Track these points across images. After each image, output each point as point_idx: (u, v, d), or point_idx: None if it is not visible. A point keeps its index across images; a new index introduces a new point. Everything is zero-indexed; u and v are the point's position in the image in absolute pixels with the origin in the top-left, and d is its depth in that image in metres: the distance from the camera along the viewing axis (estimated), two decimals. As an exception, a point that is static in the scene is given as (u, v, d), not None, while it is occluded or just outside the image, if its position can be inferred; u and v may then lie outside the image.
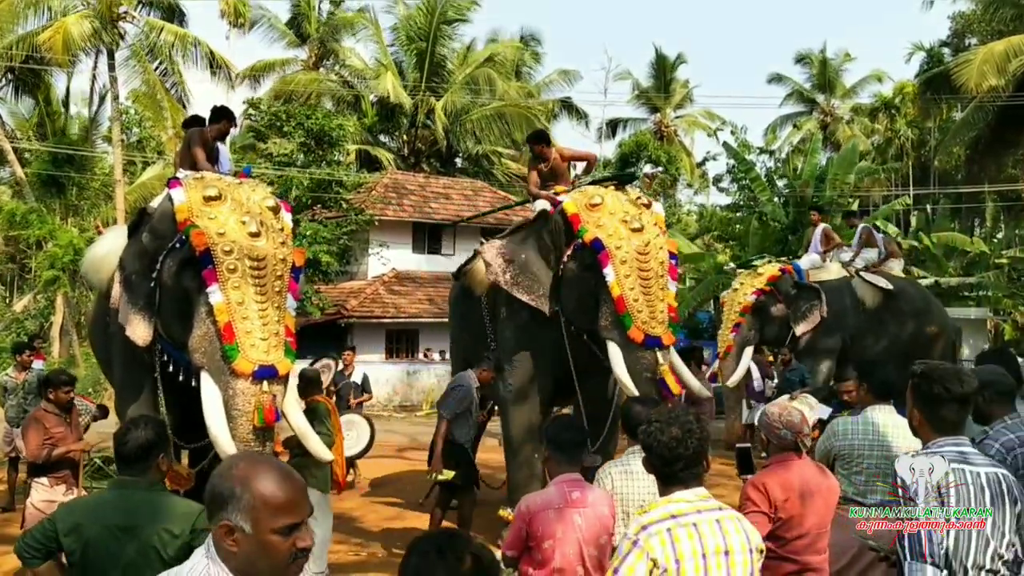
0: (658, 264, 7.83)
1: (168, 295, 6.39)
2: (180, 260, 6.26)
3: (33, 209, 23.33)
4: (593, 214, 8.03)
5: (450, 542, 2.12)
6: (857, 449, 5.18)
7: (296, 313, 6.72)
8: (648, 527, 2.98)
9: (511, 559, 4.25)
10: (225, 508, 2.13)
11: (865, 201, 31.08)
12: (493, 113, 32.39)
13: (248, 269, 6.11)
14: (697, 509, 3.05)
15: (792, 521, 4.26)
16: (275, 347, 6.11)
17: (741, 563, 3.02)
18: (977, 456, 3.24)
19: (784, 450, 4.42)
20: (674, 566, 2.90)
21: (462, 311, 10.12)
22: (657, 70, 41.42)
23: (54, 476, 7.12)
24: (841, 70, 42.53)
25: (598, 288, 7.80)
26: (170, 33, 24.10)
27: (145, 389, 7.00)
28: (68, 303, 23.38)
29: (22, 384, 10.74)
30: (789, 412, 4.47)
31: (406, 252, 27.04)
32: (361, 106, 32.37)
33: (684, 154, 39.86)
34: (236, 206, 6.37)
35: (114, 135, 24.09)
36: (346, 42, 35.01)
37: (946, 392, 3.26)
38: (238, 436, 5.92)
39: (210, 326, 6.08)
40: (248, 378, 5.96)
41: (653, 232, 7.98)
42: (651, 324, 7.62)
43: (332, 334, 23.87)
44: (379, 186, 27.32)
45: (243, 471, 2.17)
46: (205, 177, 6.75)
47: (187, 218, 6.25)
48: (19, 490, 10.15)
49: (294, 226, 6.99)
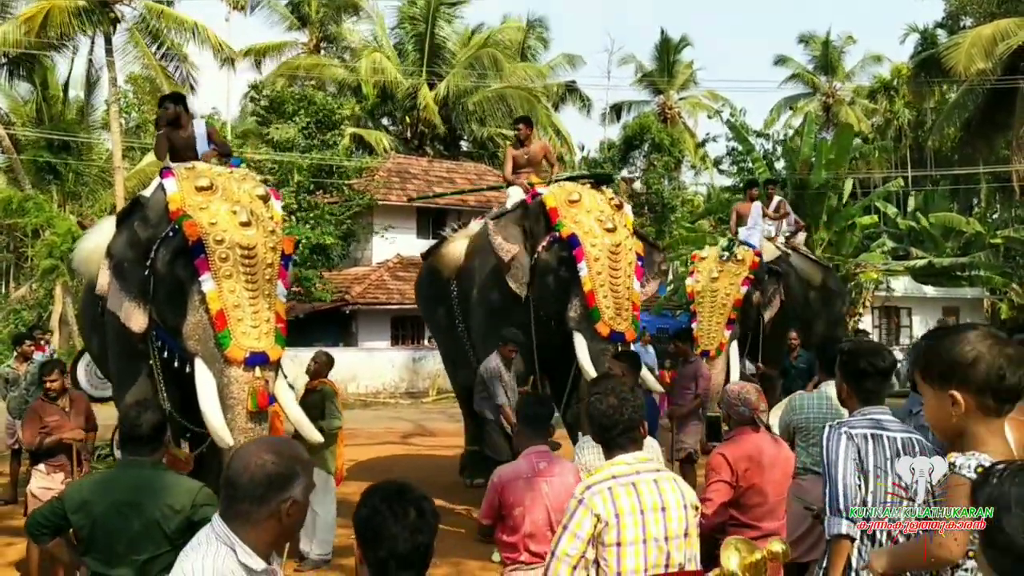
0: (627, 264, 8.43)
1: (162, 284, 6.49)
2: (173, 249, 6.36)
3: (29, 197, 23.23)
4: (571, 210, 8.57)
5: (398, 494, 2.41)
6: (813, 422, 5.71)
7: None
8: (592, 487, 3.27)
9: (487, 527, 4.62)
10: (291, 485, 2.49)
11: (865, 182, 31.17)
12: (496, 95, 32.35)
13: (239, 258, 6.25)
14: (636, 471, 3.33)
15: (752, 489, 4.71)
16: (266, 334, 6.30)
17: (676, 518, 3.31)
18: (893, 423, 3.54)
19: (742, 424, 4.90)
20: (614, 520, 3.20)
21: (430, 293, 10.74)
22: (661, 53, 41.32)
23: (51, 463, 7.30)
24: (843, 52, 42.63)
25: (570, 281, 8.38)
26: (169, 17, 24.02)
27: (142, 376, 7.06)
28: (67, 292, 23.21)
29: (24, 375, 10.76)
30: (747, 391, 4.99)
31: (410, 237, 26.83)
32: (362, 90, 32.19)
33: (688, 135, 39.88)
34: (227, 196, 6.49)
35: (112, 120, 24.05)
36: (346, 24, 35.10)
37: (870, 367, 3.63)
38: (236, 425, 6.10)
39: (203, 314, 6.24)
40: (240, 365, 6.13)
41: (624, 233, 8.57)
42: (617, 320, 8.22)
43: (337, 321, 23.89)
44: (382, 170, 27.32)
45: (296, 452, 2.62)
46: (196, 167, 6.86)
47: (179, 208, 6.37)
48: (22, 481, 10.08)
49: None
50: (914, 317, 28.82)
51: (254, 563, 2.47)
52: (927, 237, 30.11)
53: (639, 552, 3.24)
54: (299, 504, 2.51)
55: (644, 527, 3.25)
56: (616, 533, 3.22)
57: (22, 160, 26.32)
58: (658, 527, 3.27)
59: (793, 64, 42.54)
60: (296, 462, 2.56)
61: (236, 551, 2.46)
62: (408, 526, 2.35)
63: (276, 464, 2.53)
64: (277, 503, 2.48)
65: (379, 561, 2.36)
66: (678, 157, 34.49)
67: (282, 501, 2.48)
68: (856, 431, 3.47)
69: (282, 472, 2.52)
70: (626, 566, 3.23)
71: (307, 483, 2.55)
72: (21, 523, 8.32)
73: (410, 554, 2.36)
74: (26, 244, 25.67)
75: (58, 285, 23.27)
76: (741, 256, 11.54)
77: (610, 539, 3.22)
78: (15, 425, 10.47)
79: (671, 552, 3.30)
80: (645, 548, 3.25)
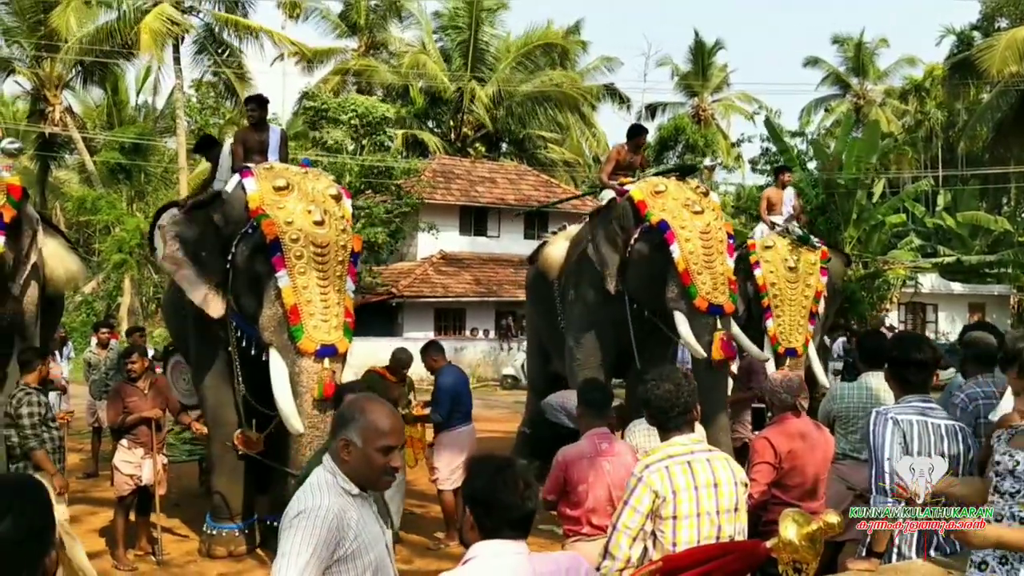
0: (718, 242, 8.54)
1: (241, 276, 7.01)
2: (252, 246, 6.83)
3: (101, 196, 24.17)
4: (658, 200, 8.72)
5: (508, 467, 2.65)
6: (852, 411, 5.80)
7: (355, 293, 7.38)
8: (650, 466, 3.48)
9: (551, 502, 4.83)
10: (347, 427, 2.79)
11: (895, 182, 31.25)
12: (538, 95, 32.92)
13: (312, 255, 6.67)
14: (691, 450, 3.54)
15: (794, 470, 4.87)
16: (336, 327, 6.70)
17: (728, 494, 3.53)
18: (937, 410, 3.79)
19: (785, 410, 5.05)
20: (671, 496, 3.42)
21: (538, 295, 10.75)
22: (696, 55, 41.63)
23: (132, 439, 7.66)
24: (875, 54, 42.41)
25: (665, 265, 8.47)
26: (234, 24, 24.91)
27: (219, 360, 7.66)
28: (134, 285, 24.20)
29: (104, 360, 11.43)
30: (790, 378, 5.18)
31: (453, 234, 27.93)
32: (409, 93, 33.10)
33: (721, 136, 40.12)
34: (302, 196, 6.87)
35: (179, 123, 24.96)
36: (393, 30, 35.78)
37: (916, 357, 3.84)
38: (303, 411, 6.53)
39: (278, 308, 6.68)
40: (311, 356, 6.56)
41: (712, 215, 8.72)
42: (714, 294, 8.33)
43: (384, 313, 24.78)
44: (427, 171, 28.03)
45: (362, 404, 2.88)
46: (274, 167, 7.26)
47: (259, 207, 6.77)
48: (103, 457, 10.84)
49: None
50: (940, 313, 29.02)
51: (349, 487, 2.79)
52: (955, 235, 30.10)
53: (693, 525, 3.44)
54: (353, 446, 2.77)
55: (698, 502, 3.44)
56: (672, 507, 3.42)
57: (95, 161, 27.19)
58: (711, 502, 3.47)
59: (825, 66, 42.53)
60: (360, 412, 2.82)
61: (336, 476, 2.81)
62: (520, 495, 2.56)
63: (344, 408, 2.92)
64: (337, 439, 2.82)
65: (493, 527, 2.56)
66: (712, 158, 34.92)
67: (340, 438, 2.80)
68: (902, 417, 3.68)
69: (343, 414, 2.86)
70: (681, 537, 3.43)
71: (364, 433, 2.77)
72: (104, 494, 9.20)
73: (522, 519, 2.58)
74: (97, 240, 26.56)
75: (127, 278, 24.09)
76: (816, 243, 10.80)
77: (667, 513, 3.42)
78: (96, 405, 11.14)
79: (722, 525, 3.51)
80: (699, 521, 3.45)
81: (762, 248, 10.62)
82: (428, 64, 32.53)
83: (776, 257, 10.47)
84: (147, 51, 23.42)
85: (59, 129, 26.40)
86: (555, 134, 35.53)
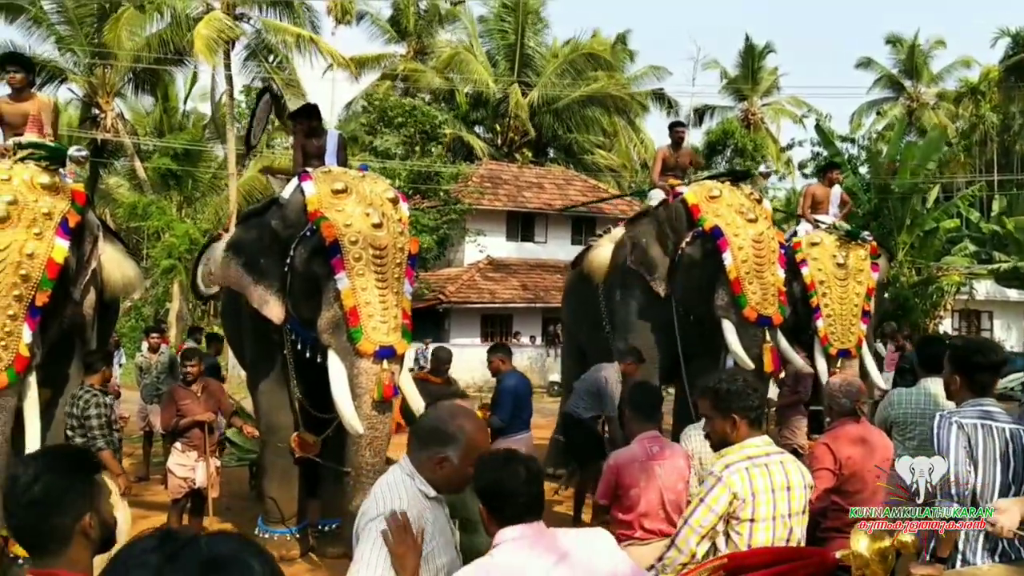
0: (770, 251, 8.58)
1: (299, 279, 6.96)
2: (311, 248, 6.80)
3: (152, 202, 24.50)
4: (712, 205, 8.74)
5: (506, 460, 2.77)
6: (910, 417, 5.73)
7: (411, 297, 7.32)
8: (730, 466, 3.51)
9: (604, 507, 4.87)
10: (446, 445, 2.88)
11: (948, 187, 30.83)
12: (584, 100, 32.83)
13: (371, 258, 6.66)
14: (766, 452, 3.59)
15: (854, 477, 4.80)
16: (394, 329, 6.70)
17: (798, 497, 3.57)
18: (1001, 414, 3.73)
19: (843, 415, 5.01)
20: (750, 498, 3.45)
21: (579, 298, 10.63)
22: (745, 59, 41.29)
23: (185, 443, 7.83)
24: (930, 56, 41.75)
25: (716, 272, 8.51)
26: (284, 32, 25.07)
27: (276, 365, 7.66)
28: (183, 290, 24.47)
29: (155, 364, 11.49)
30: (849, 383, 5.12)
31: (500, 240, 27.91)
32: (456, 97, 33.17)
33: (770, 141, 39.84)
34: (360, 199, 6.87)
35: (229, 131, 25.22)
36: (441, 35, 35.91)
37: (983, 361, 3.81)
38: (362, 412, 6.54)
39: (337, 310, 6.66)
40: (370, 357, 6.56)
41: (765, 224, 8.73)
42: (763, 305, 8.39)
43: (431, 318, 24.80)
44: (475, 176, 28.10)
45: (462, 423, 2.95)
46: (332, 171, 7.28)
47: (317, 210, 6.76)
48: (154, 461, 11.02)
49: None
50: (996, 321, 28.65)
51: (427, 490, 2.88)
52: (1011, 241, 29.44)
53: (768, 528, 3.48)
54: (451, 463, 2.86)
55: (774, 505, 3.48)
56: (751, 510, 3.45)
57: (145, 168, 27.56)
58: (784, 505, 3.51)
59: (877, 67, 41.88)
60: (461, 432, 2.90)
61: (414, 479, 2.89)
62: (526, 481, 2.68)
63: (443, 423, 2.95)
64: (433, 453, 2.88)
65: (509, 515, 2.67)
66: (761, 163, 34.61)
67: (436, 453, 2.87)
68: (967, 421, 3.65)
69: (443, 431, 2.91)
70: (756, 540, 3.47)
71: (464, 453, 2.86)
72: (156, 497, 9.35)
73: (532, 503, 2.70)
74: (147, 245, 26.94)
75: (175, 283, 24.28)
76: (866, 236, 10.33)
77: (744, 515, 3.45)
78: (147, 409, 11.20)
79: (793, 528, 3.57)
80: (774, 524, 3.49)
81: (808, 245, 10.08)
82: (474, 66, 32.59)
83: (824, 254, 9.96)
84: (201, 58, 23.65)
85: (111, 135, 26.73)
86: (602, 139, 35.37)
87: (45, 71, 24.17)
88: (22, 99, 7.16)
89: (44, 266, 6.03)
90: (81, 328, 6.94)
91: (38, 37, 25.78)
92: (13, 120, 7.09)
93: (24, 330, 5.94)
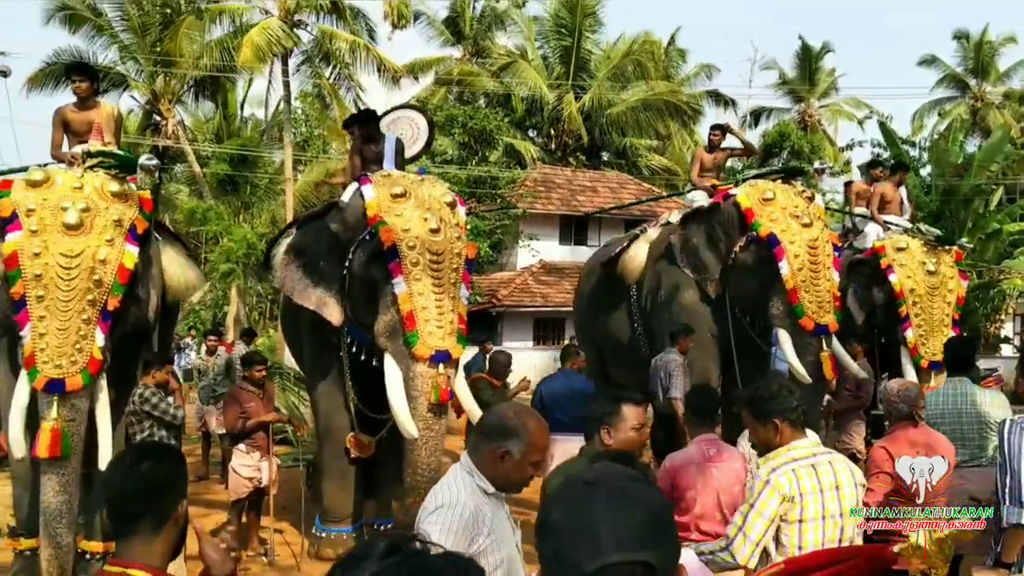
0: (825, 257, 8.49)
1: (357, 283, 7.07)
2: (369, 252, 6.88)
3: (211, 207, 24.83)
4: (766, 208, 8.66)
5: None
6: (937, 417, 5.76)
7: (467, 302, 7.37)
8: (776, 469, 3.54)
9: None
10: (509, 439, 2.94)
11: (1011, 188, 30.21)
12: (638, 104, 32.68)
13: (428, 262, 6.72)
14: (813, 453, 3.61)
15: None
16: (450, 334, 6.75)
17: (849, 495, 3.57)
18: None
19: (901, 419, 5.08)
20: (798, 499, 3.48)
21: (603, 298, 10.57)
22: (802, 60, 40.72)
23: (249, 443, 7.97)
24: (997, 54, 40.45)
25: (770, 280, 8.44)
26: (341, 39, 25.28)
27: (333, 368, 7.78)
28: (241, 294, 24.74)
29: (212, 367, 11.76)
30: (907, 388, 5.18)
31: (553, 244, 27.93)
32: (511, 101, 33.25)
33: (828, 143, 39.29)
34: (419, 203, 6.94)
35: (286, 136, 25.37)
36: (498, 39, 35.94)
37: None
38: (418, 415, 6.61)
39: (394, 314, 6.73)
40: (426, 362, 6.61)
41: (819, 226, 8.64)
42: (820, 313, 8.28)
43: (484, 322, 24.81)
44: (529, 180, 28.16)
45: (524, 419, 3.01)
46: (392, 175, 7.34)
47: (376, 214, 6.85)
48: (212, 461, 11.25)
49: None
50: (1058, 325, 28.05)
51: (486, 486, 2.95)
52: None
53: (818, 528, 3.50)
54: (512, 457, 2.92)
55: (823, 504, 3.50)
56: (799, 511, 3.48)
57: (204, 173, 27.99)
58: (834, 504, 3.52)
59: (942, 66, 40.60)
60: (523, 428, 2.95)
61: (473, 476, 2.96)
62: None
63: (505, 419, 3.01)
64: (495, 447, 2.94)
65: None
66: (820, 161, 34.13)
67: (498, 447, 2.94)
68: None
69: (506, 426, 2.98)
70: (807, 540, 3.49)
71: (525, 448, 2.93)
72: (215, 496, 9.58)
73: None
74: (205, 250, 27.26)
75: (233, 287, 24.63)
76: (960, 242, 10.14)
77: (793, 516, 3.48)
78: (203, 410, 11.50)
79: (844, 527, 3.57)
80: (824, 524, 3.51)
81: (894, 250, 9.70)
82: (529, 73, 32.59)
83: (912, 260, 9.60)
84: (247, 65, 23.94)
85: (171, 142, 27.15)
86: (656, 142, 35.19)
87: (108, 79, 24.56)
88: (88, 107, 7.32)
89: (115, 272, 6.17)
90: (145, 330, 7.07)
91: (101, 45, 26.33)
92: (79, 128, 7.25)
93: (97, 333, 6.08)
